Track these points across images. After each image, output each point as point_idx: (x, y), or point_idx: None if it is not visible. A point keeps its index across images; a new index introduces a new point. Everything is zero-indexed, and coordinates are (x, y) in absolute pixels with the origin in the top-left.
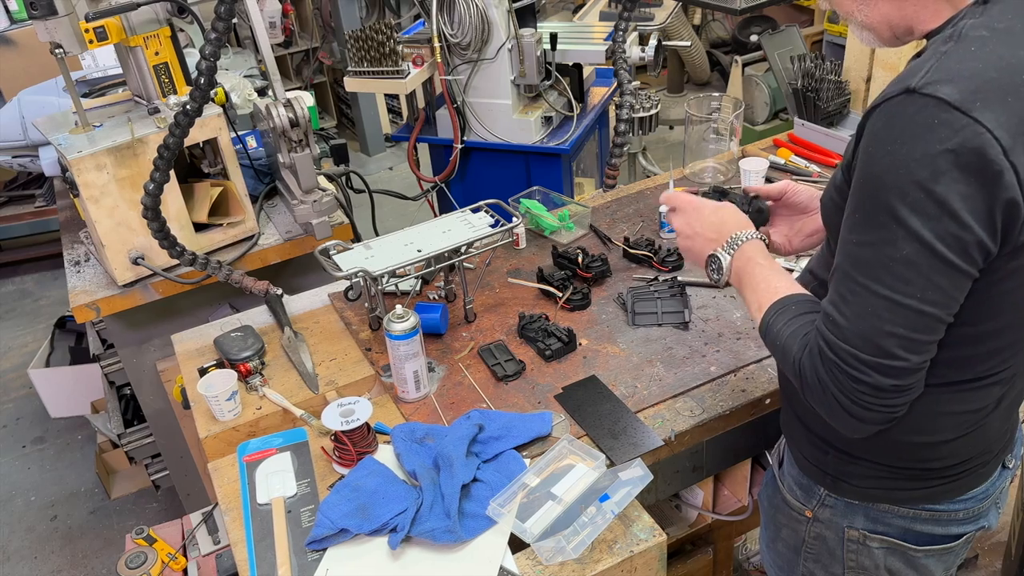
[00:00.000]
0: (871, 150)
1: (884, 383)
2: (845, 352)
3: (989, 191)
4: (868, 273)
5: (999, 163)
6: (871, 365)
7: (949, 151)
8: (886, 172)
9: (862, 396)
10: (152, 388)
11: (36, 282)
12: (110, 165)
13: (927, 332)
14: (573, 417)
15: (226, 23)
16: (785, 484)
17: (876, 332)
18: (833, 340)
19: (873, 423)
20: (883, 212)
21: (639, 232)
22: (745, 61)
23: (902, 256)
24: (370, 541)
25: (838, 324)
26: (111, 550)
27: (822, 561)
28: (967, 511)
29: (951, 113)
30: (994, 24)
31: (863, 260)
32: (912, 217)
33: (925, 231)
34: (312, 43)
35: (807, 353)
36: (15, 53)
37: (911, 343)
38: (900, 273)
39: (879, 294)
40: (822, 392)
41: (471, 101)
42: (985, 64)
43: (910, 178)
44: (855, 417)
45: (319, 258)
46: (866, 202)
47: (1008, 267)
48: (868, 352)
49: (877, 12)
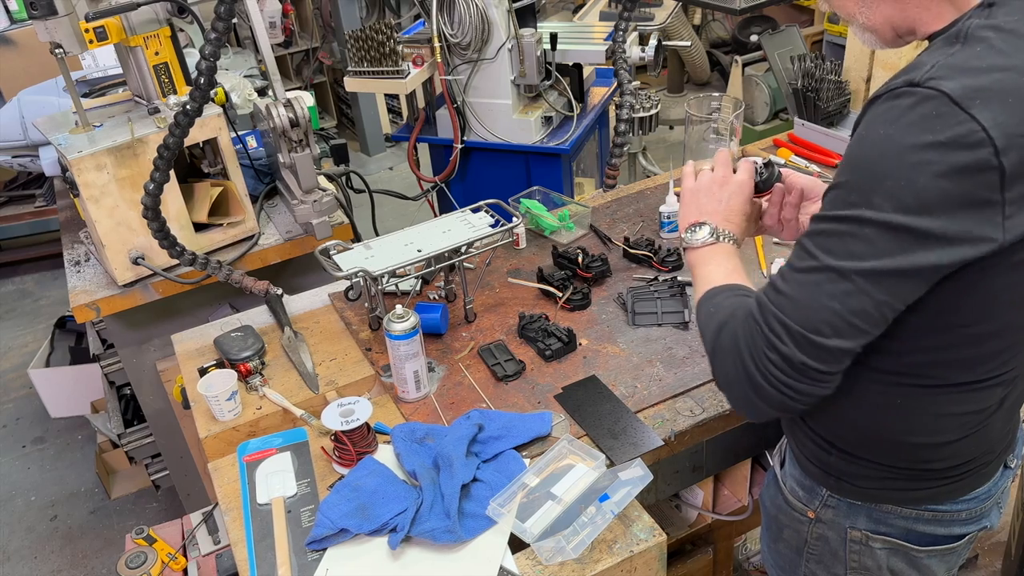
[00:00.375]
0: (864, 133)
1: (797, 357)
2: (773, 316)
3: (972, 190)
4: (824, 245)
5: (989, 162)
6: (793, 334)
7: (941, 143)
8: (874, 153)
9: (769, 366)
10: (152, 388)
11: (36, 282)
12: (110, 165)
13: (861, 318)
14: (573, 417)
15: (226, 23)
16: (787, 485)
17: (811, 302)
18: (766, 303)
19: (765, 404)
20: (860, 191)
21: (639, 232)
22: (745, 61)
23: (863, 234)
24: (370, 541)
25: (778, 289)
26: (111, 550)
27: (824, 562)
28: (969, 511)
29: (950, 107)
30: (1000, 26)
31: (824, 232)
32: (887, 202)
33: (895, 217)
34: (312, 43)
35: (737, 316)
36: (15, 53)
37: (841, 324)
38: (855, 250)
39: (828, 265)
40: (731, 354)
41: (471, 101)
42: (990, 64)
43: (896, 163)
44: (752, 388)
45: (319, 258)
46: (846, 178)
47: (1004, 264)
48: (795, 320)
49: (879, 14)
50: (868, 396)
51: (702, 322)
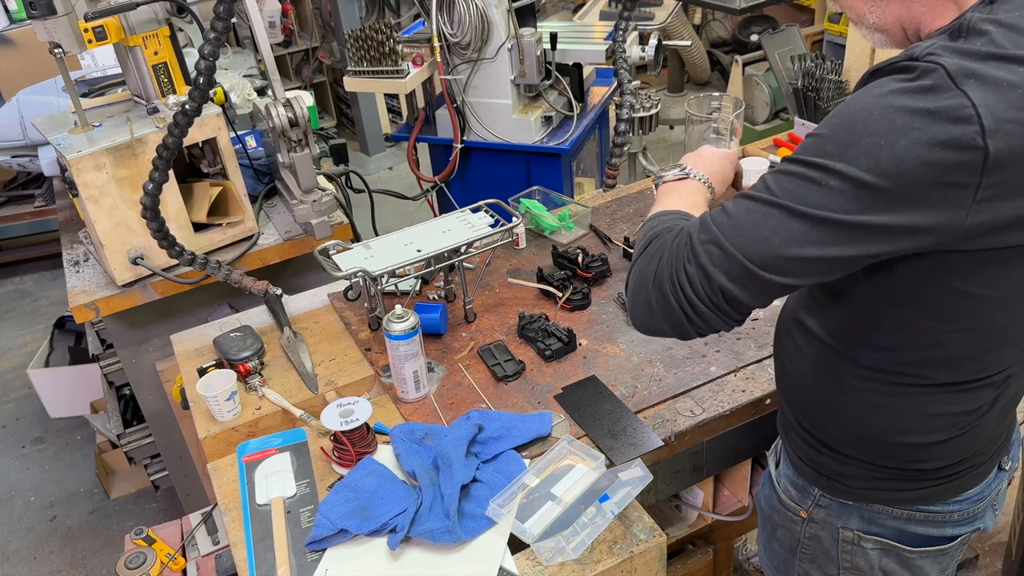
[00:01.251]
0: (857, 93)
1: (716, 277)
2: (711, 232)
3: (949, 165)
4: (786, 185)
5: (972, 141)
6: (724, 252)
7: (928, 111)
8: (861, 109)
9: (684, 278)
10: (151, 388)
11: (35, 282)
12: (109, 165)
13: (796, 262)
14: (573, 417)
15: (225, 23)
16: (781, 485)
17: (754, 230)
18: (707, 220)
19: (661, 316)
20: (837, 142)
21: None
22: (745, 61)
23: (828, 184)
24: (369, 541)
25: (726, 210)
26: (110, 550)
27: (817, 562)
28: (962, 512)
29: (944, 80)
30: (1001, 20)
31: (791, 173)
32: (861, 157)
33: (865, 175)
34: (312, 43)
35: (673, 230)
36: (14, 53)
37: (774, 259)
38: (814, 198)
39: (783, 203)
40: (651, 259)
41: (471, 101)
42: (989, 52)
43: (880, 122)
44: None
45: (319, 258)
46: (827, 129)
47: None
48: (731, 242)
49: (889, 13)
50: (859, 395)
51: (639, 237)
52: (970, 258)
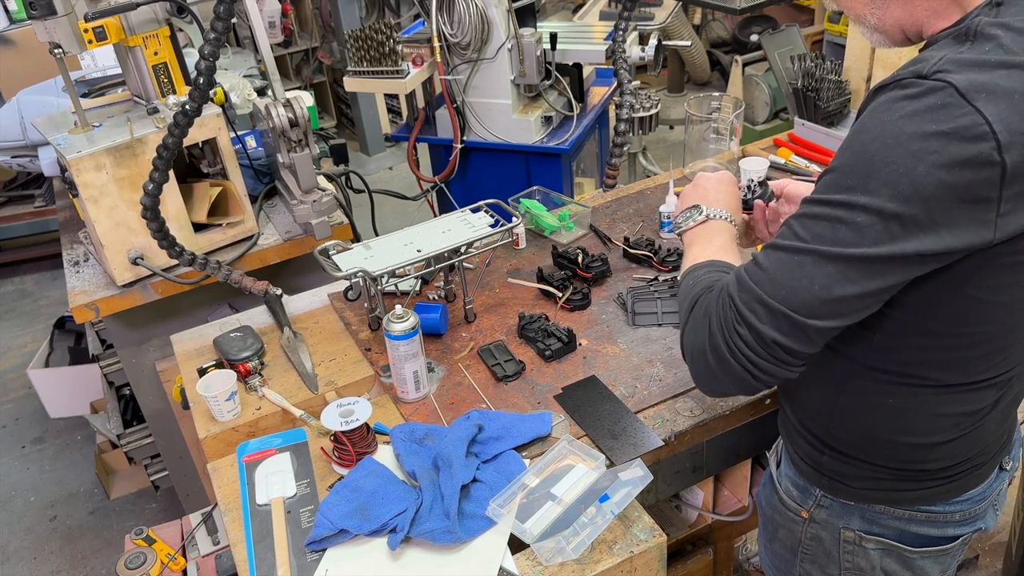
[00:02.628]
0: (867, 120)
1: (768, 334)
2: (750, 290)
3: (970, 183)
4: (813, 228)
5: (989, 157)
6: (770, 310)
7: (943, 133)
8: (875, 139)
9: (738, 340)
10: (151, 388)
11: (35, 282)
12: (109, 165)
13: (839, 303)
14: (573, 417)
15: (225, 23)
16: (782, 485)
17: (792, 280)
18: (744, 278)
19: (727, 379)
20: (856, 175)
21: (639, 232)
22: (745, 61)
23: (853, 220)
24: (369, 541)
25: (761, 266)
26: (110, 550)
27: (818, 562)
28: (963, 513)
29: (956, 99)
30: (1009, 24)
31: (815, 215)
32: (883, 188)
33: (889, 205)
34: (312, 43)
35: (714, 289)
36: (15, 53)
37: (818, 305)
38: (843, 236)
39: (813, 248)
40: (701, 325)
41: (471, 101)
42: (998, 61)
43: (897, 150)
44: (717, 361)
45: (319, 258)
46: (843, 162)
47: (993, 265)
48: (773, 296)
49: (889, 15)
50: (861, 396)
51: (680, 296)
52: (983, 265)
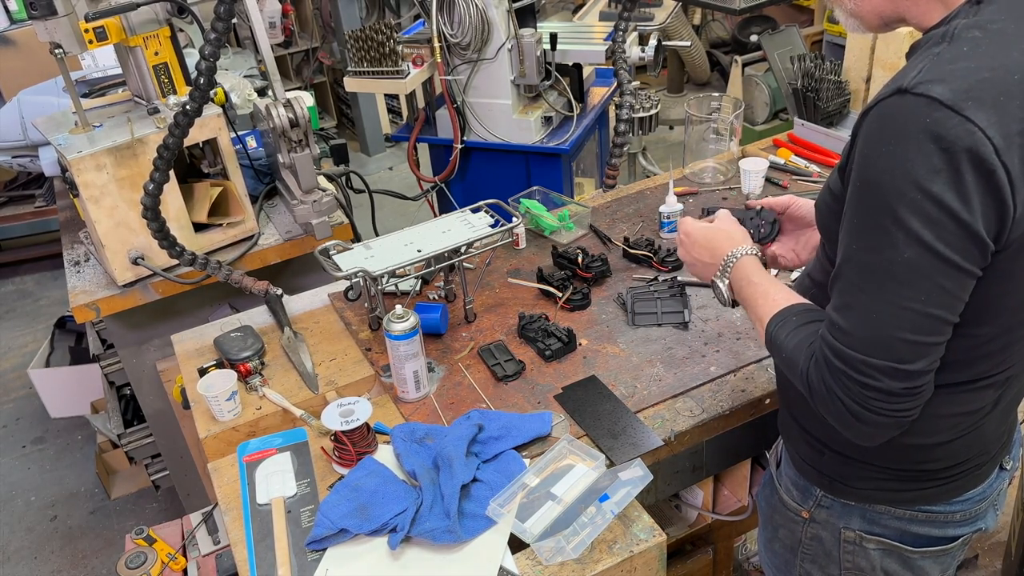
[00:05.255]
0: (866, 152)
1: (895, 387)
2: (853, 359)
3: (982, 189)
4: (871, 279)
5: (991, 162)
6: (881, 369)
7: (942, 150)
8: (882, 174)
9: (873, 402)
10: (152, 388)
11: (36, 282)
12: (110, 165)
13: (934, 334)
14: (573, 417)
15: (225, 23)
16: (782, 485)
17: (883, 337)
18: (839, 347)
19: (886, 428)
20: (882, 215)
21: (639, 232)
22: (745, 61)
23: (903, 260)
24: (370, 541)
25: (844, 330)
26: (111, 550)
27: (819, 562)
28: (964, 513)
29: (943, 112)
30: (987, 24)
31: (865, 265)
32: (912, 219)
33: (925, 232)
34: (312, 43)
35: (813, 363)
36: (15, 53)
37: (918, 346)
38: (904, 277)
39: (884, 299)
40: (832, 401)
41: (471, 101)
42: (978, 64)
43: (906, 179)
44: (867, 424)
45: (319, 258)
46: (864, 206)
47: (1000, 269)
48: (877, 356)
49: (868, 3)
50: None
51: (782, 366)
52: (1005, 268)
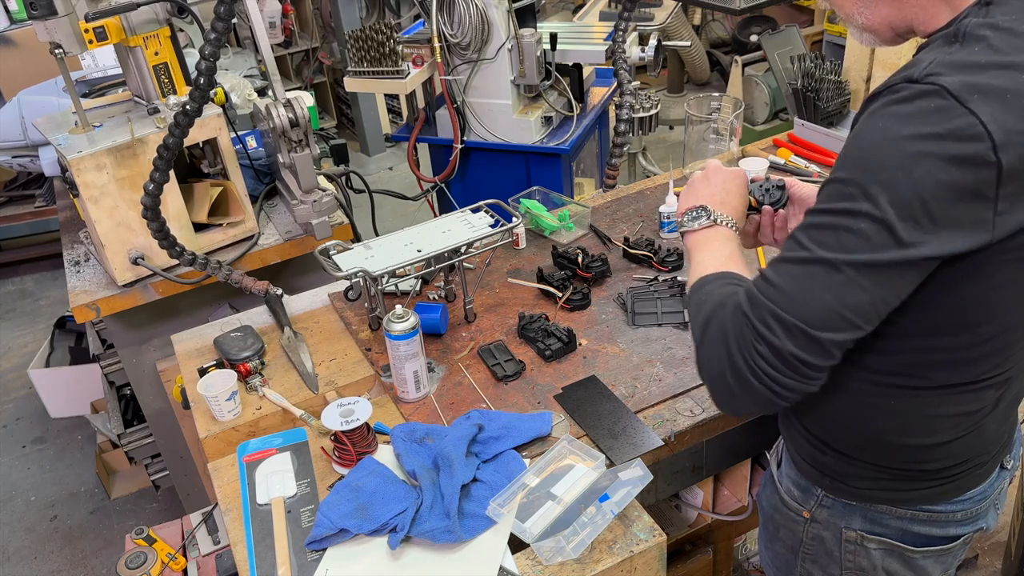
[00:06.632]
0: (862, 127)
1: (787, 349)
2: (764, 307)
3: (967, 184)
4: (818, 237)
5: (986, 157)
6: (785, 325)
7: (939, 135)
8: (871, 145)
9: (757, 358)
10: (152, 388)
11: (36, 282)
12: (110, 165)
13: (854, 311)
14: (573, 417)
15: (226, 23)
16: (783, 485)
17: (804, 293)
18: (756, 295)
19: (755, 399)
20: (856, 183)
21: (639, 232)
22: (745, 61)
23: (857, 227)
24: (370, 541)
25: (769, 280)
26: (111, 550)
27: (820, 562)
28: (965, 512)
29: (948, 101)
30: (998, 24)
31: (819, 225)
32: (882, 193)
33: (890, 210)
34: (312, 43)
35: (721, 308)
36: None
37: (833, 316)
38: (849, 243)
39: (821, 258)
40: (718, 345)
41: (471, 101)
42: (988, 62)
43: (893, 154)
44: (738, 381)
45: (319, 258)
46: (843, 170)
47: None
48: (788, 311)
49: (878, 14)
50: (862, 397)
51: (691, 311)
52: (981, 265)
